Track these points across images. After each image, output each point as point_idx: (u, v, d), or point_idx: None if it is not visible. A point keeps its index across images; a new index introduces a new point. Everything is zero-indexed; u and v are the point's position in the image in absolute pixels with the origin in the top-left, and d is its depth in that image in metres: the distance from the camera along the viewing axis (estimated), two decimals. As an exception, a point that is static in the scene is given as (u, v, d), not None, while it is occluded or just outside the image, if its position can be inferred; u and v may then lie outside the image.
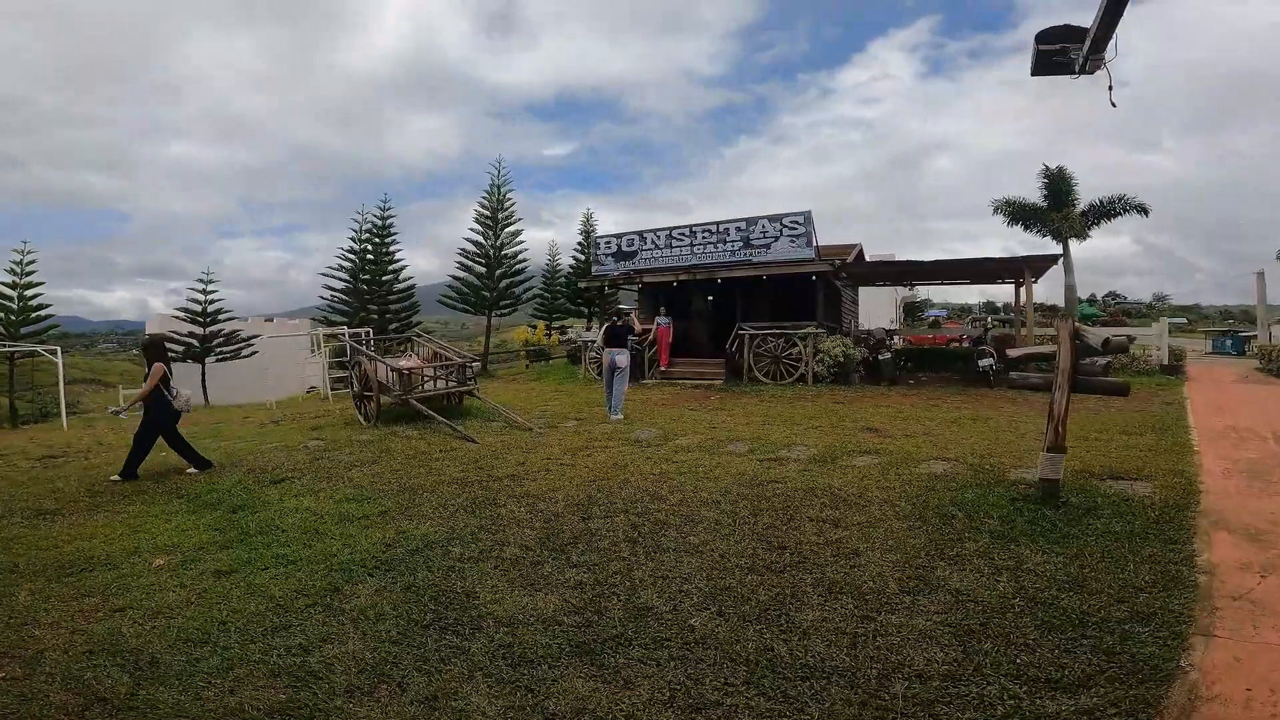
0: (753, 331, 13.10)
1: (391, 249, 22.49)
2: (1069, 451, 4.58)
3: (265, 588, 3.76)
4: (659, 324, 14.74)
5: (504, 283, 20.45)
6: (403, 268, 22.79)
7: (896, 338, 19.29)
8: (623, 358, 9.04)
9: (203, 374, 20.28)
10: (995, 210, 22.51)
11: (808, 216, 13.02)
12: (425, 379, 9.57)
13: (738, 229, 13.72)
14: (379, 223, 22.40)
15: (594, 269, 15.86)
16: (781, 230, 13.20)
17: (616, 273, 15.60)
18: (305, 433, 9.46)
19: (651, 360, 14.66)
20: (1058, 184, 21.19)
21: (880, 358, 12.77)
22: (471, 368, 12.53)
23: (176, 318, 20.48)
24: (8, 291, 18.36)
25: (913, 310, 49.26)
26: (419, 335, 10.76)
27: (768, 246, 13.36)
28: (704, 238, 14.17)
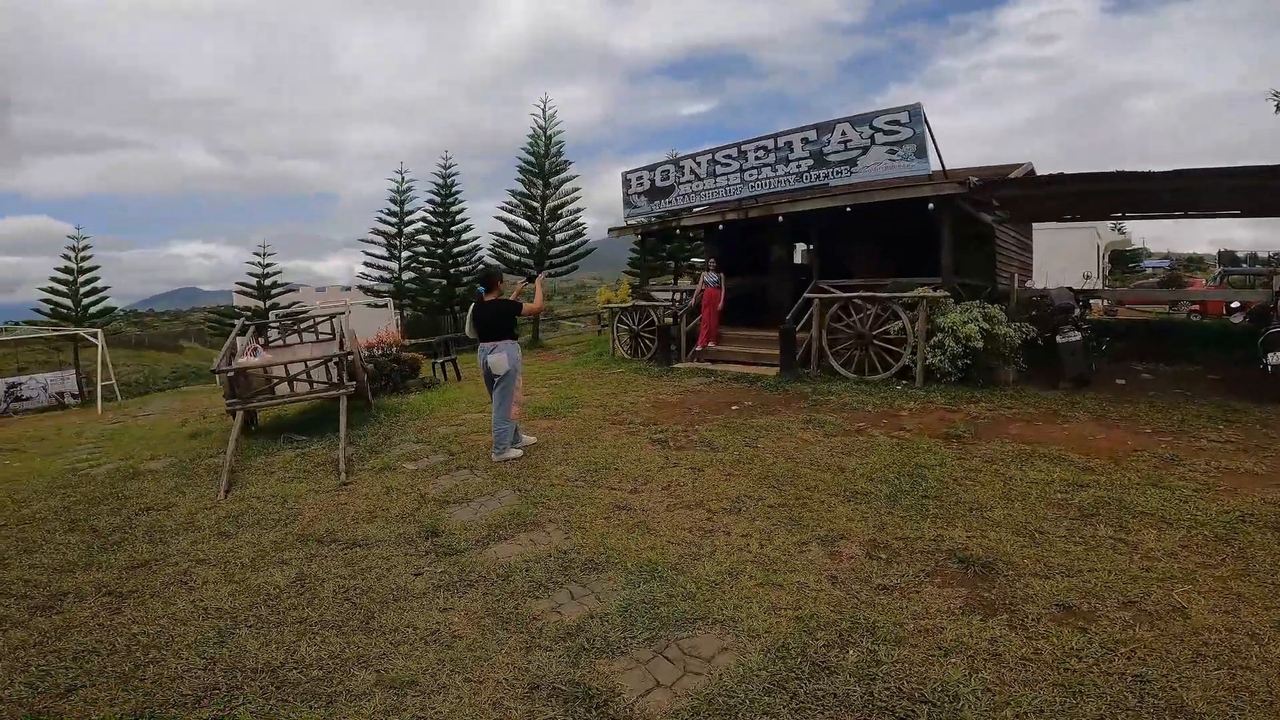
0: (825, 296, 8.24)
1: (454, 210, 20.16)
2: None
3: None
4: (705, 284, 10.33)
5: (546, 239, 17.03)
6: (465, 228, 20.36)
7: (1096, 302, 12.69)
8: (498, 357, 5.02)
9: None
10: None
11: (915, 113, 7.62)
12: (275, 380, 6.45)
13: (805, 141, 8.66)
14: (441, 182, 20.10)
15: (625, 213, 11.72)
16: (873, 137, 7.96)
17: (647, 216, 11.31)
18: (171, 444, 6.98)
19: (691, 335, 10.37)
20: None
21: (1061, 340, 7.21)
22: (382, 358, 9.45)
23: (242, 292, 19.78)
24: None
25: (1121, 261, 34.92)
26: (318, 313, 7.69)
27: (853, 163, 8.20)
28: (758, 158, 9.28)
